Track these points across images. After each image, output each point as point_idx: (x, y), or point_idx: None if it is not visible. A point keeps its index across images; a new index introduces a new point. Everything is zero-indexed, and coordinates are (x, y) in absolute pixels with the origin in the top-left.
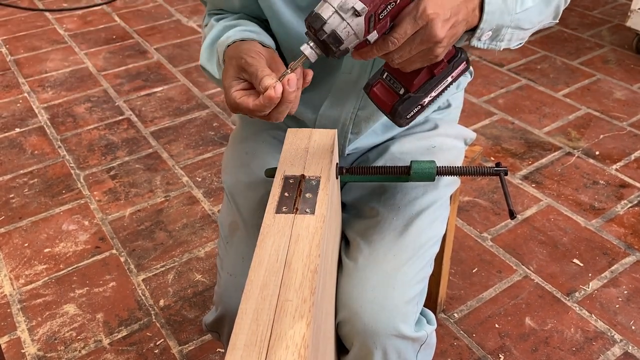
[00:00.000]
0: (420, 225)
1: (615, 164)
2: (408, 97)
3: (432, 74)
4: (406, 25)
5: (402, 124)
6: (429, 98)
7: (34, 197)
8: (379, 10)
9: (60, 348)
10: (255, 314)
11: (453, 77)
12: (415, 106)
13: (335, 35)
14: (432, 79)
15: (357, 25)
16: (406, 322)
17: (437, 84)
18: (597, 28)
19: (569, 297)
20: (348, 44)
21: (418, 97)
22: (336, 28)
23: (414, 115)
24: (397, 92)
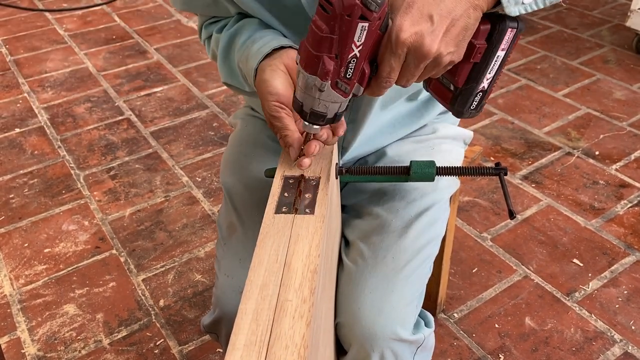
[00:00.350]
0: (419, 227)
1: (615, 164)
2: (460, 93)
3: (472, 63)
4: (387, 61)
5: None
6: (487, 82)
7: (33, 197)
8: (341, 74)
9: (60, 348)
10: (255, 314)
11: (504, 49)
12: (473, 97)
13: (315, 112)
14: (476, 66)
15: (329, 96)
16: (404, 325)
17: (486, 67)
18: (597, 28)
19: (568, 297)
20: (334, 111)
21: (471, 88)
22: (312, 106)
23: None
24: (449, 88)
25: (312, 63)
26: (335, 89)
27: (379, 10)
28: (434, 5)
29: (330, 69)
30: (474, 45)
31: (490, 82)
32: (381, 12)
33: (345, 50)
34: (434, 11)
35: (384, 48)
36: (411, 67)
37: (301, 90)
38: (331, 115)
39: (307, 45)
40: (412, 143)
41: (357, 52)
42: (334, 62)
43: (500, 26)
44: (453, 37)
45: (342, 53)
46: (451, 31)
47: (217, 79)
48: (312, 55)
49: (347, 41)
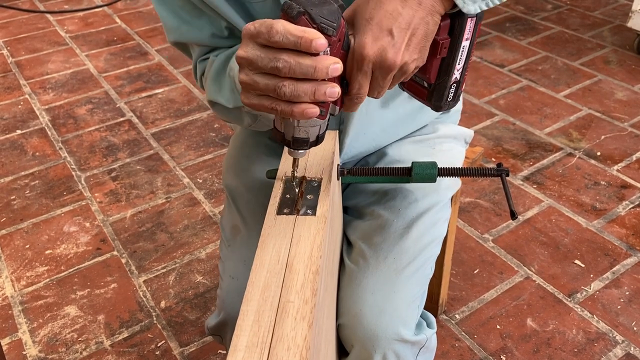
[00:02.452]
0: (421, 228)
1: (616, 164)
2: (434, 88)
3: (440, 58)
4: (355, 79)
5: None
6: (458, 73)
7: (35, 199)
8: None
9: (62, 350)
10: (257, 315)
11: (468, 39)
12: (447, 89)
13: (298, 139)
14: (444, 61)
15: (307, 122)
16: (406, 326)
17: (454, 60)
18: (598, 29)
19: (570, 298)
20: (316, 133)
21: (444, 82)
22: (293, 134)
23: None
24: (423, 85)
25: None
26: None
27: (336, 33)
28: (392, 19)
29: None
30: (437, 42)
31: (461, 72)
32: (339, 33)
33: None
34: (393, 25)
35: (350, 67)
36: (379, 80)
37: (279, 120)
38: (313, 139)
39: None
40: (413, 143)
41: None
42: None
43: (460, 20)
44: (415, 45)
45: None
46: (412, 40)
47: None
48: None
49: None
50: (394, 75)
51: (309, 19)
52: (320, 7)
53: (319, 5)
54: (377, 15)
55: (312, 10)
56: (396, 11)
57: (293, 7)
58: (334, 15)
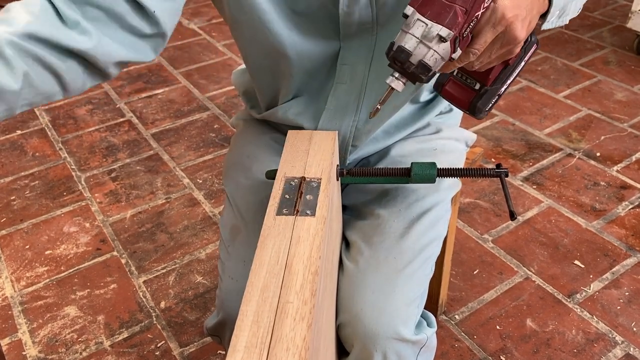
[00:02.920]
0: (421, 228)
1: (616, 165)
2: (485, 92)
3: (506, 64)
4: (486, 34)
5: (482, 116)
6: (506, 86)
7: (35, 199)
8: (463, 30)
9: (62, 350)
10: (256, 316)
11: (526, 61)
12: (493, 97)
13: (424, 65)
14: (507, 69)
15: (444, 50)
16: (406, 325)
17: (512, 72)
18: (597, 29)
19: (570, 299)
20: (436, 68)
21: (495, 89)
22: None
23: (492, 106)
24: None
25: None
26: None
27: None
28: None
29: (460, 21)
30: None
31: (506, 88)
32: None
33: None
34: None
35: (485, 21)
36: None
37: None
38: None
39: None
40: (415, 143)
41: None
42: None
43: (532, 38)
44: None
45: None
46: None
47: (218, 80)
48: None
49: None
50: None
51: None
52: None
53: None
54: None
55: None
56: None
57: None
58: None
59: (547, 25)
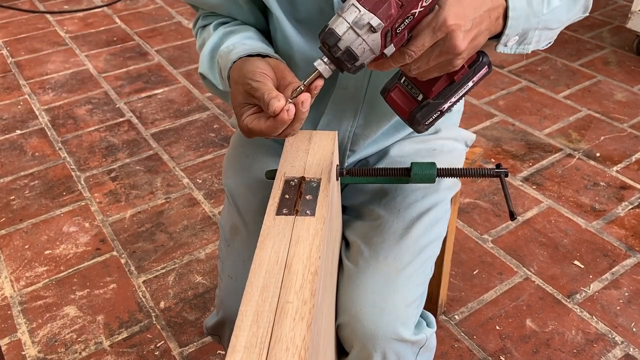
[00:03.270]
0: (420, 228)
1: (615, 165)
2: (427, 104)
3: (451, 79)
4: (424, 37)
5: (421, 130)
6: (449, 104)
7: (34, 199)
8: (396, 24)
9: (61, 350)
10: (256, 316)
11: (474, 82)
12: (434, 112)
13: (350, 52)
14: (452, 85)
15: (373, 41)
16: (406, 326)
17: (457, 90)
18: (597, 30)
19: (569, 299)
20: (364, 60)
21: (437, 104)
22: (351, 45)
23: (432, 121)
24: (416, 98)
25: (378, 1)
26: (382, 37)
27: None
28: (473, 11)
29: (393, 14)
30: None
31: (449, 106)
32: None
33: (412, 3)
34: (472, 16)
35: (425, 24)
36: (434, 54)
37: (345, 25)
38: (359, 64)
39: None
40: (414, 144)
41: (417, 12)
42: (398, 10)
43: (483, 59)
44: (473, 46)
45: (408, 5)
46: (473, 40)
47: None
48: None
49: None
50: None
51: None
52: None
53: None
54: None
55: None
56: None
57: None
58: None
59: (505, 49)
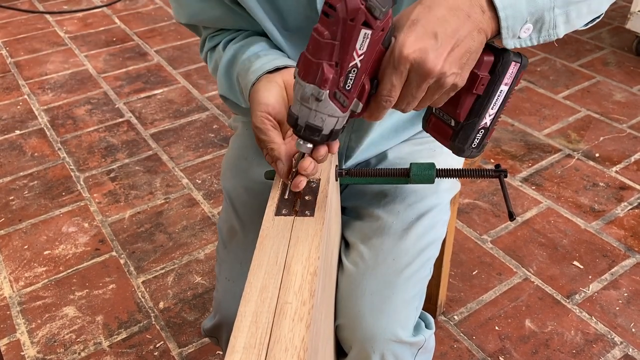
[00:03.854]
0: (420, 230)
1: (615, 165)
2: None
3: (477, 95)
4: (389, 78)
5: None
6: (488, 119)
7: (33, 199)
8: (340, 84)
9: (60, 350)
10: (255, 316)
11: (508, 84)
12: (474, 133)
13: (311, 126)
14: (480, 99)
15: (327, 108)
16: (405, 327)
17: (489, 101)
18: (596, 30)
19: (569, 300)
20: (331, 127)
21: (472, 124)
22: (308, 119)
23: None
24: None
25: (311, 71)
26: (333, 100)
27: (383, 18)
28: (439, 24)
29: (329, 77)
30: (477, 76)
31: (492, 119)
32: (385, 22)
33: (346, 58)
34: (439, 29)
35: (385, 64)
36: (413, 87)
37: (297, 103)
38: (327, 131)
39: (307, 54)
40: (413, 145)
41: (358, 62)
42: (333, 70)
43: (504, 58)
44: (457, 57)
45: (343, 61)
46: (455, 51)
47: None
48: (311, 63)
49: (349, 48)
50: (430, 87)
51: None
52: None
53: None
54: (424, 19)
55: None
56: (443, 17)
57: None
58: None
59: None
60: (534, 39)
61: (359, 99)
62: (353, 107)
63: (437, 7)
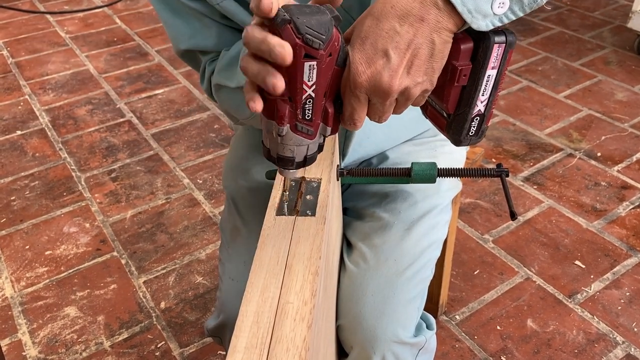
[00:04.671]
0: (421, 230)
1: (616, 165)
2: (453, 119)
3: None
4: (348, 102)
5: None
6: (482, 105)
7: (35, 200)
8: (299, 117)
9: (61, 350)
10: (256, 316)
11: (495, 67)
12: (468, 122)
13: (282, 157)
14: (466, 90)
15: (292, 140)
16: (406, 328)
17: (477, 90)
18: (598, 29)
19: (570, 299)
20: (303, 154)
21: (464, 114)
22: (278, 151)
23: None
24: (442, 115)
25: (269, 108)
26: (296, 132)
27: (324, 47)
28: (388, 39)
29: (284, 113)
30: (456, 68)
31: (486, 105)
32: (330, 46)
33: (297, 92)
34: (389, 45)
35: (344, 87)
36: (378, 106)
37: (266, 137)
38: (300, 159)
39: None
40: (414, 145)
41: (311, 92)
42: (288, 105)
43: (485, 43)
44: (418, 67)
45: (295, 95)
46: (414, 62)
47: None
48: (267, 100)
49: (297, 82)
50: (396, 100)
51: (293, 28)
52: (310, 16)
53: (309, 14)
54: (373, 35)
55: (299, 19)
56: (393, 30)
57: (279, 14)
58: (323, 27)
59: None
60: (517, 10)
61: (325, 124)
62: (321, 132)
63: (385, 19)
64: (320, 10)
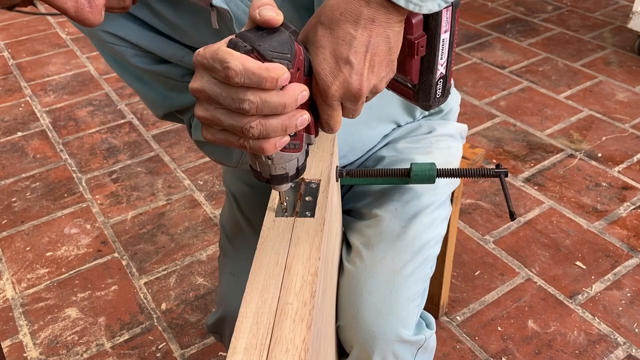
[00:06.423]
0: (418, 227)
1: (617, 165)
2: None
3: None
4: (324, 111)
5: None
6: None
7: (36, 201)
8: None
9: (62, 352)
10: (256, 317)
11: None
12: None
13: (276, 176)
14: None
15: (282, 157)
16: (405, 326)
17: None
18: (598, 30)
19: (571, 300)
20: (294, 167)
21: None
22: (270, 172)
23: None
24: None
25: None
26: (285, 150)
27: (292, 65)
28: (347, 46)
29: None
30: (413, 42)
31: (446, 66)
32: (296, 63)
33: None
34: (349, 52)
35: (316, 97)
36: (351, 107)
37: (253, 161)
38: (293, 172)
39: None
40: (409, 143)
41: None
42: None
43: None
44: (379, 65)
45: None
46: (375, 61)
47: None
48: None
49: None
50: (366, 97)
51: (258, 56)
52: (270, 39)
53: (267, 37)
54: (330, 44)
55: (261, 45)
56: (349, 36)
57: (239, 45)
58: (286, 46)
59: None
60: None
61: (308, 133)
62: (306, 141)
63: (338, 27)
64: (277, 30)
